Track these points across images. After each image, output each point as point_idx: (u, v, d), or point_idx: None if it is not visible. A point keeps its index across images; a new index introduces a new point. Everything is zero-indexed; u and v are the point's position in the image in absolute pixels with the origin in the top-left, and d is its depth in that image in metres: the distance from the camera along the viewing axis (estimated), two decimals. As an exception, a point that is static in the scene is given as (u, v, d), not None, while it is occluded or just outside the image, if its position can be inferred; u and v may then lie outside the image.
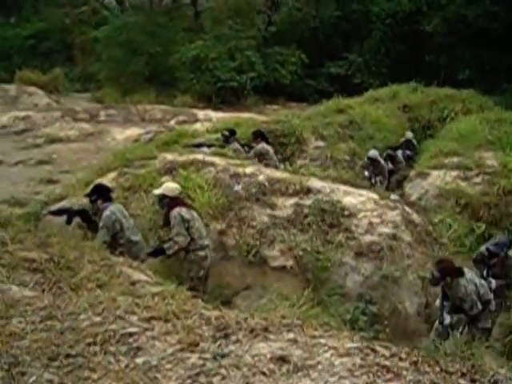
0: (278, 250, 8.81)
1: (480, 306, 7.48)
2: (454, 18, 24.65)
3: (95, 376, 3.70)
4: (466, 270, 7.63)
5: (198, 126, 16.48)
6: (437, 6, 25.41)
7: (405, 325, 8.08)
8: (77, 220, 7.99)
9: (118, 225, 7.66)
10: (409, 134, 15.76)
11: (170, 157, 10.34)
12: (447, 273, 7.41)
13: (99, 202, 7.83)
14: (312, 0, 28.58)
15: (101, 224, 7.62)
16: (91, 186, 8.49)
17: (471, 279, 7.57)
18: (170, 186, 8.18)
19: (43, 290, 4.93)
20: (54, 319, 4.39)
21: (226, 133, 12.56)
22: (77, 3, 34.79)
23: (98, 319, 4.39)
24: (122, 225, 7.70)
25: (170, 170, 9.85)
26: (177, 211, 7.77)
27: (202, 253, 7.94)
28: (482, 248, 8.78)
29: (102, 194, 7.92)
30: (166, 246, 7.81)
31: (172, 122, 17.20)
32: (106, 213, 7.67)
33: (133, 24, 28.33)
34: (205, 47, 26.36)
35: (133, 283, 5.38)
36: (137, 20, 28.87)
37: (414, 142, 15.70)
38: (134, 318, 4.43)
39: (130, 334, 4.19)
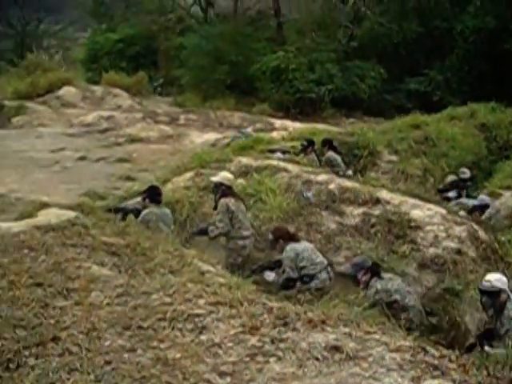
0: (344, 257, 9.02)
1: None
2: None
3: (162, 346, 4.07)
4: None
5: (274, 134, 16.78)
6: (524, 25, 24.91)
7: (463, 339, 8.11)
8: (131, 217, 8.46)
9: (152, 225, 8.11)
10: (464, 171, 13.66)
11: (245, 161, 10.72)
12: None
13: (146, 201, 8.46)
14: (395, 15, 28.47)
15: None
16: (146, 186, 9.08)
17: None
18: (225, 176, 8.92)
19: (119, 271, 5.37)
20: (128, 296, 4.81)
21: (305, 142, 12.75)
22: (164, 11, 35.80)
23: (168, 300, 4.77)
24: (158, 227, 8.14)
25: (245, 173, 10.23)
26: (225, 200, 8.45)
27: (241, 242, 8.54)
28: None
29: (151, 195, 8.52)
30: (209, 228, 8.49)
31: (249, 129, 17.56)
32: (143, 213, 8.30)
33: (218, 33, 28.98)
34: (286, 58, 26.68)
35: (202, 273, 5.74)
36: (222, 30, 29.51)
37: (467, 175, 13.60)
38: (202, 302, 4.79)
39: (197, 315, 4.54)
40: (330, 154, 12.37)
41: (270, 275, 8.08)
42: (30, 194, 11.42)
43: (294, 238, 8.19)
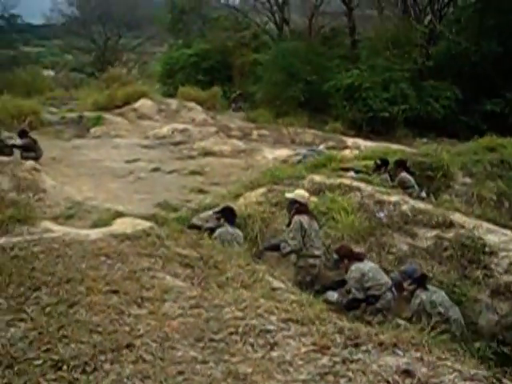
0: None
1: None
2: None
3: (234, 360, 4.10)
4: None
5: (346, 152, 16.69)
6: None
7: (538, 371, 7.81)
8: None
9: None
10: None
11: (317, 178, 10.70)
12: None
13: (221, 221, 8.66)
14: (473, 34, 27.87)
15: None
16: (222, 206, 9.25)
17: None
18: (300, 193, 8.87)
19: (192, 283, 5.45)
20: (201, 308, 4.87)
21: (379, 162, 12.61)
22: (239, 28, 36.30)
23: (240, 314, 4.80)
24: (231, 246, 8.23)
25: (317, 191, 10.21)
26: (299, 218, 8.40)
27: (311, 260, 8.45)
28: None
29: (226, 215, 8.73)
30: (281, 244, 8.46)
31: (321, 147, 17.53)
32: (217, 232, 8.43)
33: (292, 51, 29.15)
34: (359, 76, 26.59)
35: (273, 289, 5.76)
36: (296, 47, 29.67)
37: None
38: (273, 318, 4.80)
39: (268, 331, 4.56)
40: (404, 174, 12.17)
41: (332, 295, 8.02)
42: (104, 203, 11.73)
43: (358, 258, 8.11)
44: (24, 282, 5.22)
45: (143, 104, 23.94)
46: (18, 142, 15.35)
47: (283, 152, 17.79)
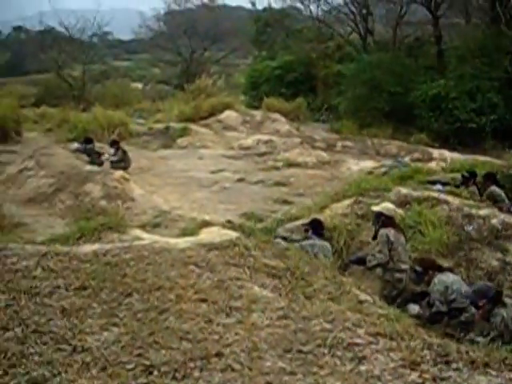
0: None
1: None
2: None
3: (322, 373, 4.09)
4: None
5: (432, 164, 16.37)
6: None
7: None
8: None
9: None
10: None
11: (404, 191, 10.54)
12: None
13: (309, 233, 8.69)
14: None
15: None
16: (310, 218, 9.22)
17: None
18: (387, 206, 8.78)
19: (280, 294, 5.46)
20: (288, 319, 4.88)
21: (466, 174, 12.31)
22: (323, 39, 36.29)
23: (328, 326, 4.78)
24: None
25: (404, 204, 10.04)
26: (385, 231, 8.29)
27: (397, 274, 8.30)
28: None
29: (314, 227, 8.75)
30: (367, 258, 8.38)
31: (406, 159, 17.27)
32: (305, 244, 8.40)
33: (376, 62, 28.88)
34: (446, 86, 26.01)
35: (360, 302, 5.71)
36: (380, 58, 29.38)
37: None
38: (361, 331, 4.76)
39: (356, 344, 4.52)
40: (494, 188, 11.80)
41: (414, 308, 7.85)
42: (190, 212, 11.95)
43: (441, 270, 7.91)
44: (116, 288, 5.38)
45: (228, 115, 24.28)
46: (110, 152, 15.89)
47: (368, 163, 17.62)
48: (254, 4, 42.30)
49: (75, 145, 16.49)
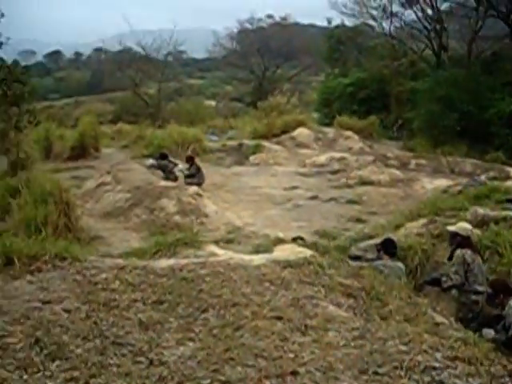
0: None
1: None
2: None
3: (401, 395, 4.03)
4: None
5: (509, 183, 15.89)
6: None
7: None
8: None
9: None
10: None
11: (481, 210, 10.27)
12: None
13: (381, 253, 8.49)
14: None
15: None
16: (383, 238, 9.04)
17: None
18: (463, 226, 8.52)
19: (355, 314, 5.43)
20: (364, 340, 4.84)
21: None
22: (396, 55, 35.91)
23: (404, 348, 4.72)
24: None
25: (481, 224, 9.79)
26: (461, 252, 8.06)
27: (474, 297, 8.04)
28: None
29: (387, 247, 8.53)
30: (443, 279, 8.12)
31: (482, 177, 16.82)
32: (377, 264, 8.13)
33: (450, 79, 28.35)
34: (524, 103, 25.32)
35: (436, 324, 5.62)
36: (454, 76, 28.81)
37: None
38: (438, 355, 4.67)
39: (434, 368, 4.44)
40: None
41: (489, 333, 7.59)
42: (263, 229, 12.00)
43: None
44: (192, 303, 5.47)
45: (301, 132, 24.30)
46: (183, 167, 16.17)
47: (442, 182, 17.25)
48: (330, 22, 42.22)
49: (150, 160, 16.83)
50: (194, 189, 13.75)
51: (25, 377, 4.26)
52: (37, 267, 6.27)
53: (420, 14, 34.31)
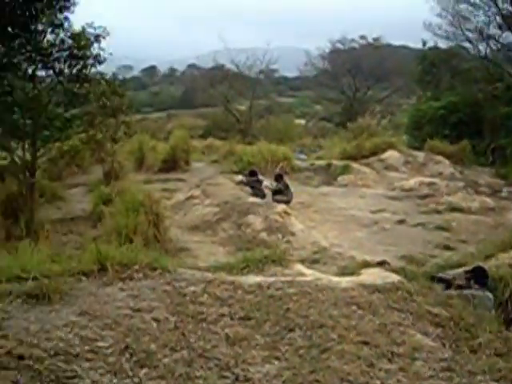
0: None
1: None
2: None
3: None
4: None
5: None
6: None
7: None
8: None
9: None
10: None
11: None
12: None
13: (471, 282, 8.18)
14: None
15: None
16: (473, 266, 8.78)
17: None
18: None
19: (443, 344, 5.33)
20: (452, 372, 4.77)
21: None
22: (491, 79, 34.99)
23: None
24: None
25: None
26: None
27: None
28: None
29: (477, 276, 8.26)
30: None
31: None
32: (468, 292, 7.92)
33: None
34: None
35: (529, 361, 5.42)
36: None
37: None
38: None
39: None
40: None
41: None
42: (349, 250, 11.95)
43: None
44: (279, 322, 5.52)
45: (390, 155, 24.03)
46: (270, 183, 16.30)
47: (537, 212, 16.68)
48: (424, 43, 41.58)
49: (240, 177, 17.08)
50: (281, 207, 13.88)
51: (114, 381, 4.42)
52: (128, 275, 6.46)
53: (518, 37, 33.44)
